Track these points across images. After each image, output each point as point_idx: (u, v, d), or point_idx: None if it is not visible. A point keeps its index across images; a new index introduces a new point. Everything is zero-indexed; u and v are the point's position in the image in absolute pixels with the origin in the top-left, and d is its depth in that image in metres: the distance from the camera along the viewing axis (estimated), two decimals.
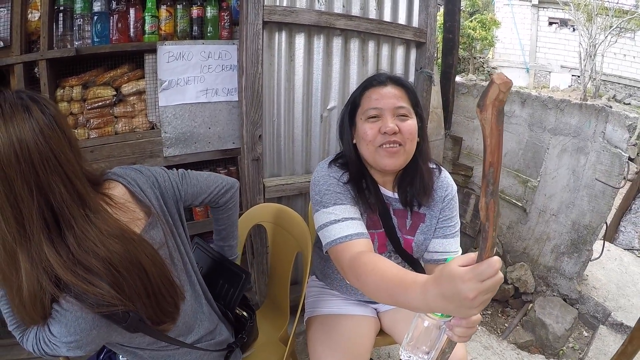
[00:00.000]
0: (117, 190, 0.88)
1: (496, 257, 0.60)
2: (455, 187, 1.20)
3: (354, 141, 1.13)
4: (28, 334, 0.86)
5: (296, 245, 1.38)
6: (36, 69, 1.63)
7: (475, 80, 3.12)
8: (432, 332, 0.75)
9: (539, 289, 2.41)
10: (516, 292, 2.49)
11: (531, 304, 2.35)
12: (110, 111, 1.68)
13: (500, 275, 0.61)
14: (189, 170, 1.09)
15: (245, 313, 1.23)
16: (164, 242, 0.92)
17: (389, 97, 1.06)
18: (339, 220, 1.02)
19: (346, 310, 1.27)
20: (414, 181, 1.12)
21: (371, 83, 1.11)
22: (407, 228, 1.16)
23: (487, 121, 0.51)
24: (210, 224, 1.83)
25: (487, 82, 0.52)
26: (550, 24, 11.85)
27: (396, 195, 1.15)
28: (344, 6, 1.80)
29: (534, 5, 11.52)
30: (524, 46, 11.49)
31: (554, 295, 2.32)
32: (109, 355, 1.14)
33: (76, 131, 1.63)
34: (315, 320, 1.27)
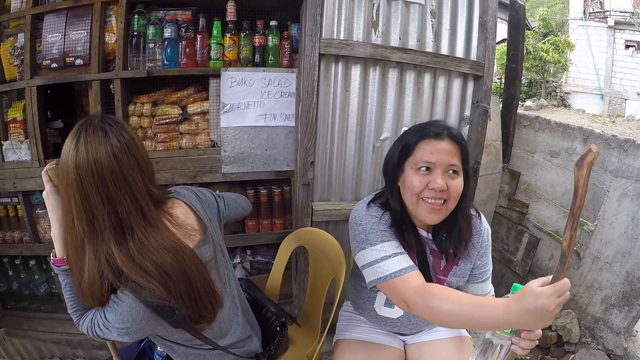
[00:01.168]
0: (179, 210, 1.14)
1: (567, 279, 0.87)
2: (489, 231, 1.33)
3: (399, 184, 1.23)
4: (84, 318, 1.11)
5: (332, 271, 1.57)
6: (111, 86, 2.00)
7: (547, 106, 3.20)
8: (500, 349, 0.97)
9: (584, 340, 2.40)
10: (559, 340, 2.50)
11: (573, 355, 2.35)
12: (176, 128, 2.01)
13: (569, 293, 0.88)
14: (226, 195, 1.42)
15: (277, 328, 1.46)
16: (212, 258, 1.18)
17: (443, 153, 1.14)
18: (390, 256, 1.15)
19: (374, 339, 1.44)
20: (451, 233, 1.24)
21: (428, 134, 1.17)
22: (441, 269, 1.28)
23: (582, 177, 0.82)
24: (260, 237, 2.17)
25: (586, 149, 0.83)
26: (627, 47, 11.53)
27: (431, 237, 1.27)
28: (400, 38, 2.02)
29: (609, 27, 11.27)
30: (599, 71, 11.22)
31: (598, 349, 2.31)
32: (149, 345, 1.45)
33: (144, 143, 1.95)
34: (343, 344, 1.45)
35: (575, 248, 2.47)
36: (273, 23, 1.99)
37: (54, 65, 1.99)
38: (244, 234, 2.15)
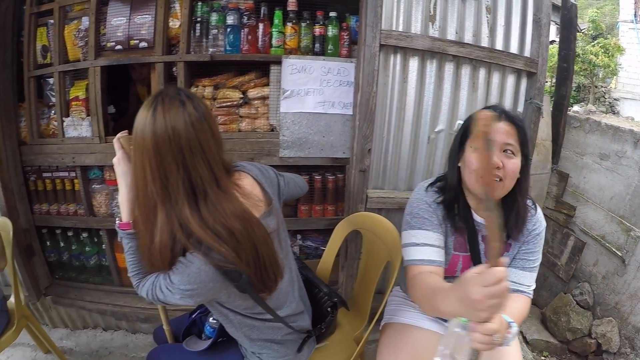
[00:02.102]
0: (246, 181, 1.30)
1: (500, 268, 0.87)
2: (544, 225, 1.47)
3: (459, 164, 1.42)
4: (144, 281, 1.26)
5: (387, 255, 1.76)
6: (174, 69, 2.26)
7: (591, 112, 3.34)
8: (461, 339, 0.99)
9: (623, 351, 2.51)
10: (598, 349, 2.62)
11: None
12: (236, 111, 2.25)
13: (505, 285, 0.87)
14: (285, 174, 1.60)
15: (329, 308, 1.63)
16: (276, 229, 1.33)
17: (500, 132, 1.30)
18: (418, 244, 1.38)
19: (421, 324, 1.59)
20: (509, 215, 1.38)
21: None
22: None
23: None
24: (312, 222, 2.40)
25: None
26: None
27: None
28: (457, 32, 2.23)
29: None
30: None
31: None
32: (199, 317, 1.62)
33: None
34: (390, 327, 1.63)
35: (620, 254, 2.60)
36: (332, 14, 2.21)
37: (119, 47, 2.24)
38: (296, 218, 2.38)
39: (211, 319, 1.55)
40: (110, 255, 2.54)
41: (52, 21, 2.37)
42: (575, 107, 3.25)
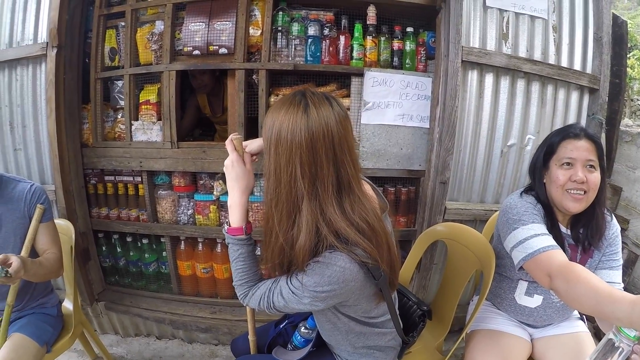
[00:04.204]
0: (366, 187, 1.44)
1: None
2: (619, 227, 1.77)
3: (544, 180, 1.75)
4: (255, 289, 1.38)
5: (476, 264, 1.99)
6: (254, 76, 2.60)
7: (632, 126, 3.79)
8: (619, 352, 1.14)
9: None
10: None
11: None
12: None
13: None
14: None
15: (417, 317, 1.79)
16: (391, 232, 1.43)
17: (582, 149, 1.62)
18: (540, 234, 1.58)
19: (507, 329, 1.88)
20: (589, 224, 1.70)
21: (569, 134, 1.68)
22: (577, 262, 1.70)
23: None
24: None
25: None
26: None
27: (569, 232, 1.75)
28: (527, 50, 2.64)
29: None
30: None
31: None
32: (286, 327, 1.80)
33: None
34: (478, 334, 1.89)
35: None
36: (409, 30, 2.61)
37: (197, 52, 2.58)
38: None
39: (303, 328, 1.71)
40: (172, 263, 2.83)
41: (122, 24, 2.71)
42: None
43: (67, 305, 2.33)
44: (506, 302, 1.93)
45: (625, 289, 3.36)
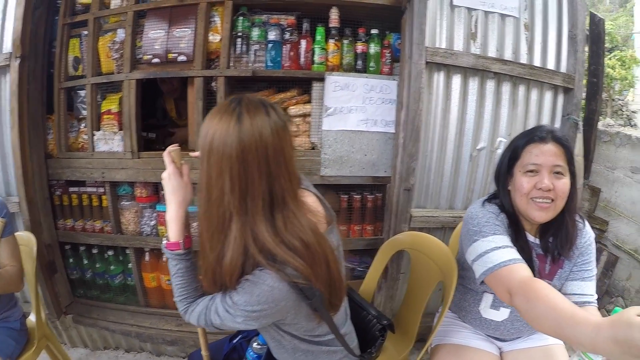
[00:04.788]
0: (310, 199, 1.28)
1: None
2: (593, 235, 1.54)
3: (509, 187, 1.50)
4: (194, 305, 1.23)
5: (439, 275, 1.80)
6: (213, 84, 2.33)
7: (614, 126, 3.47)
8: None
9: None
10: None
11: None
12: None
13: None
14: None
15: (377, 331, 1.62)
16: (337, 247, 1.30)
17: (549, 154, 1.39)
18: (500, 247, 1.37)
19: (473, 344, 1.65)
20: (558, 233, 1.46)
21: (533, 138, 1.44)
22: (547, 272, 1.51)
23: None
24: (350, 243, 2.46)
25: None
26: None
27: (538, 241, 1.51)
28: (497, 50, 2.35)
29: None
30: None
31: None
32: (241, 342, 1.62)
33: None
34: (442, 349, 1.66)
35: None
36: (374, 31, 2.31)
37: (156, 60, 2.32)
38: (348, 238, 2.45)
39: (255, 344, 1.55)
40: (137, 274, 2.58)
41: (85, 32, 2.46)
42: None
43: (33, 318, 2.11)
44: (471, 315, 1.69)
45: (606, 291, 3.11)
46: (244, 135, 1.06)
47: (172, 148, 1.31)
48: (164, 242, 1.28)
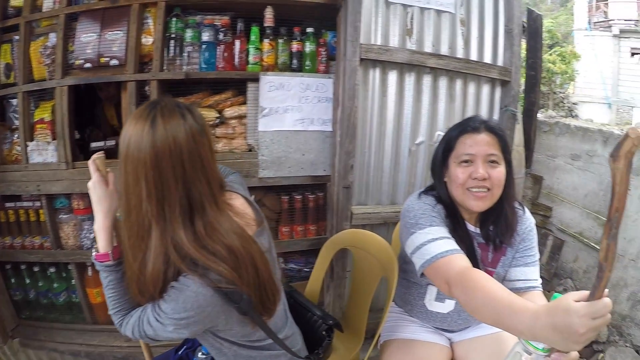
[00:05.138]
0: (238, 202, 1.19)
1: (609, 299, 0.77)
2: (533, 221, 1.48)
3: (445, 179, 1.42)
4: (129, 317, 1.14)
5: (381, 271, 1.72)
6: (147, 88, 2.15)
7: (556, 118, 3.44)
8: None
9: (612, 339, 2.55)
10: None
11: (602, 354, 2.50)
12: (212, 132, 2.15)
13: (609, 316, 0.78)
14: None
15: (324, 331, 1.54)
16: (269, 249, 1.22)
17: (482, 144, 1.32)
18: (437, 239, 1.28)
19: (422, 337, 1.56)
20: (498, 221, 1.39)
21: (466, 128, 1.37)
22: (489, 261, 1.44)
23: (619, 170, 0.67)
24: (294, 244, 2.32)
25: (622, 134, 0.68)
26: (633, 54, 12.13)
27: (478, 230, 1.46)
28: (433, 45, 2.25)
29: (614, 36, 11.89)
30: (606, 79, 11.76)
31: (627, 346, 2.46)
32: (187, 352, 1.50)
33: None
34: (392, 344, 1.58)
35: (598, 247, 2.64)
36: (309, 30, 2.18)
37: (88, 65, 2.12)
38: (277, 241, 2.28)
39: (200, 353, 1.44)
40: (81, 291, 2.35)
41: (17, 37, 2.24)
42: (538, 116, 3.34)
43: None
44: (417, 308, 1.60)
45: (555, 274, 3.07)
46: (157, 140, 0.99)
47: (97, 156, 1.21)
48: (94, 253, 1.18)
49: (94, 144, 2.36)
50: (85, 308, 2.39)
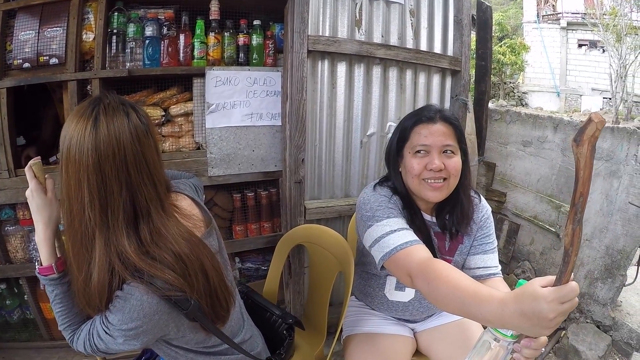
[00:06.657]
0: (184, 203, 1.06)
1: (575, 282, 0.71)
2: (489, 208, 1.37)
3: (400, 169, 1.28)
4: (79, 332, 0.99)
5: (337, 265, 1.54)
6: (89, 87, 1.86)
7: (507, 106, 3.30)
8: (498, 354, 0.83)
9: (572, 316, 2.44)
10: None
11: (564, 331, 2.40)
12: (159, 130, 1.88)
13: (577, 300, 0.72)
14: (193, 181, 1.27)
15: (284, 330, 1.39)
16: (218, 250, 1.09)
17: (437, 134, 1.19)
18: (396, 230, 1.14)
19: (384, 329, 1.42)
20: (454, 210, 1.27)
21: (421, 118, 1.23)
22: (447, 249, 1.32)
23: (582, 155, 0.62)
24: (249, 242, 2.07)
25: (585, 120, 0.61)
26: (580, 46, 12.23)
27: (434, 220, 1.31)
28: (382, 36, 2.03)
29: (562, 28, 11.93)
30: (554, 70, 11.83)
31: (587, 322, 2.37)
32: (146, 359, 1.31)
33: None
34: (354, 339, 1.42)
35: (554, 230, 2.53)
36: (256, 22, 1.93)
37: (27, 65, 1.82)
38: (232, 240, 2.06)
39: None
40: (34, 306, 2.04)
41: None
42: (489, 105, 3.20)
43: None
44: (377, 300, 1.45)
45: (513, 257, 2.94)
46: (100, 142, 0.85)
47: (34, 162, 1.02)
48: (37, 267, 1.01)
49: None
50: (41, 324, 2.09)
